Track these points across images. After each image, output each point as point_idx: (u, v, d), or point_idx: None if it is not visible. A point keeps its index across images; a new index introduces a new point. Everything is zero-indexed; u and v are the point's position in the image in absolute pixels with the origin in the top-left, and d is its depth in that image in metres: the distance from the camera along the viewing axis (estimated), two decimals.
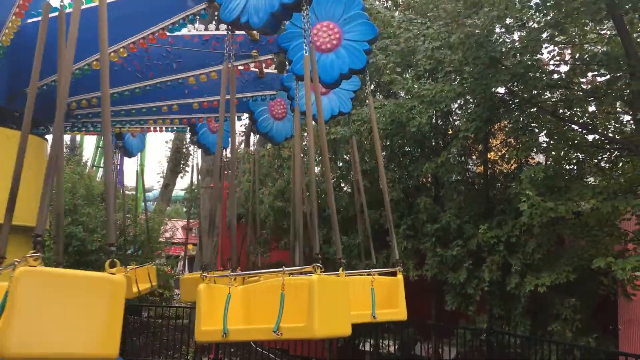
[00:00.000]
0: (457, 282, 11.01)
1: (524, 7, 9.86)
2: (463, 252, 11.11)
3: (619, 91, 9.68)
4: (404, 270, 11.51)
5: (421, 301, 13.10)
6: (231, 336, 3.96)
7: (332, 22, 5.23)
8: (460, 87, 10.77)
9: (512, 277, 10.35)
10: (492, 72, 10.13)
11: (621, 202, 8.75)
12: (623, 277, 8.49)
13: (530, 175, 9.39)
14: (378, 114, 11.58)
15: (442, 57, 10.88)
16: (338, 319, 3.97)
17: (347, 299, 4.23)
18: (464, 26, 10.06)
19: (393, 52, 11.84)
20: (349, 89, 6.72)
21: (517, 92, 11.02)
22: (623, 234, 9.88)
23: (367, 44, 5.58)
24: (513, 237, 10.31)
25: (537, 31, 10.04)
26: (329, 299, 3.88)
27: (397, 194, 12.10)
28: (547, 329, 10.25)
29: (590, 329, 9.93)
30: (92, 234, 13.62)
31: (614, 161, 10.60)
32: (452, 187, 12.12)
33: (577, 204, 9.47)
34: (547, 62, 10.91)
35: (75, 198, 14.06)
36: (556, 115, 10.59)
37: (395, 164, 13.07)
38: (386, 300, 5.28)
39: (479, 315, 11.25)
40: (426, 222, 11.79)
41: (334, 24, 5.26)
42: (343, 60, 5.62)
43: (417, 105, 11.23)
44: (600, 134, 10.62)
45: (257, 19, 4.45)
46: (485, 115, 10.88)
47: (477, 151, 13.12)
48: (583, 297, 10.16)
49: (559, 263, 9.95)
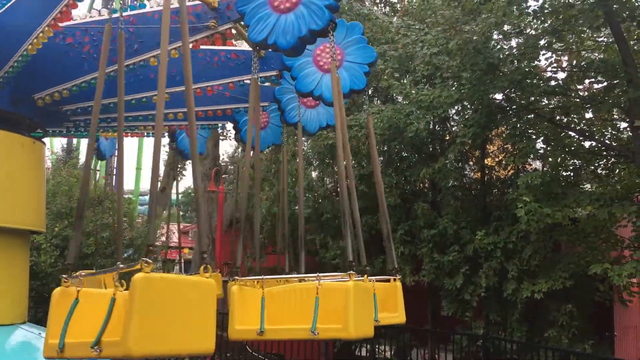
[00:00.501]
0: (453, 287, 11.02)
1: (521, 14, 9.89)
2: (460, 258, 11.12)
3: (615, 98, 9.71)
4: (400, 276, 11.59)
5: (417, 307, 13.10)
6: (267, 335, 4.28)
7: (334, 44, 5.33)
8: (458, 93, 10.79)
9: (509, 283, 10.36)
10: (490, 79, 10.15)
11: (617, 209, 8.78)
12: (619, 283, 8.51)
13: (527, 182, 9.41)
14: (376, 119, 11.59)
15: (440, 63, 10.90)
16: (367, 322, 4.38)
17: (372, 303, 4.70)
18: (462, 32, 10.10)
19: (391, 57, 11.86)
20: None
21: (515, 99, 11.05)
22: (619, 240, 9.90)
23: (367, 67, 5.78)
24: (510, 243, 10.32)
25: (534, 38, 10.07)
26: (361, 303, 4.29)
27: (394, 199, 12.11)
28: (543, 335, 10.26)
29: (586, 336, 9.94)
30: (89, 238, 13.58)
31: (611, 168, 10.63)
32: (449, 192, 12.14)
33: (573, 211, 9.50)
34: (544, 69, 10.95)
35: (72, 201, 14.02)
36: (553, 121, 10.62)
37: (392, 169, 13.09)
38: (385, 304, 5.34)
39: (475, 321, 11.26)
40: (423, 227, 11.80)
41: (337, 46, 5.38)
42: (344, 81, 5.81)
43: (415, 111, 11.26)
44: (597, 141, 10.66)
45: (284, 41, 4.65)
46: (483, 122, 10.91)
47: (474, 157, 13.14)
48: (579, 303, 10.18)
49: (555, 269, 9.96)
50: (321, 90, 6.17)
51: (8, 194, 5.60)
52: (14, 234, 5.78)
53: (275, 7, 4.84)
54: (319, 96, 6.23)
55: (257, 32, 4.82)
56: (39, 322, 9.37)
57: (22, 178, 5.78)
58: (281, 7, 4.80)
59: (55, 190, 14.33)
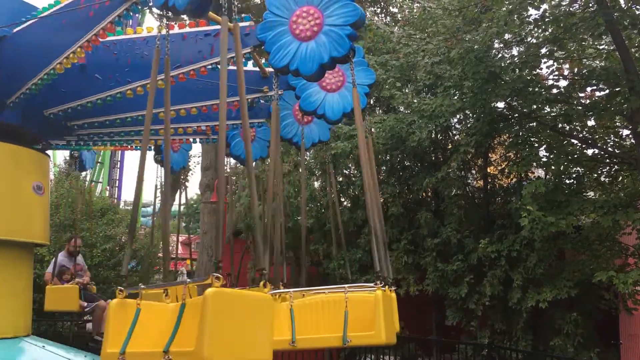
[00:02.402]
0: (458, 296, 10.97)
1: (522, 23, 9.92)
2: (464, 267, 11.08)
3: (618, 106, 9.71)
4: (404, 285, 11.56)
5: (422, 316, 13.05)
6: (299, 344, 4.64)
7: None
8: (460, 101, 10.81)
9: (514, 291, 10.32)
10: (492, 87, 10.16)
11: (621, 216, 8.76)
12: (625, 290, 8.48)
13: (532, 190, 9.39)
14: (378, 128, 11.62)
15: (441, 72, 10.93)
16: (392, 328, 4.82)
17: (395, 311, 5.13)
18: (463, 41, 10.12)
19: (393, 67, 11.90)
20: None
21: (517, 107, 11.06)
22: (624, 248, 9.87)
23: (367, 87, 5.98)
24: (514, 251, 10.29)
25: (536, 46, 10.09)
26: (388, 311, 4.75)
27: (397, 208, 12.09)
28: (548, 344, 10.19)
29: (592, 344, 9.88)
30: (92, 250, 13.58)
31: (614, 175, 10.61)
32: (452, 201, 12.11)
33: (577, 218, 9.47)
34: (546, 77, 10.96)
35: (75, 213, 14.03)
36: (556, 129, 10.62)
37: (395, 179, 13.07)
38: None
39: (480, 330, 11.19)
40: (426, 236, 11.78)
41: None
42: (346, 101, 6.09)
43: (417, 120, 11.26)
44: (599, 148, 10.65)
45: (306, 68, 4.86)
46: (485, 130, 10.91)
47: (476, 165, 13.13)
48: (584, 311, 10.13)
49: (560, 277, 9.93)
50: (324, 109, 6.46)
51: (13, 206, 5.61)
52: (18, 246, 5.79)
53: (297, 35, 5.07)
54: (322, 115, 6.50)
55: (278, 59, 5.06)
56: (42, 334, 9.35)
57: (27, 191, 5.79)
58: (302, 35, 5.05)
59: (59, 202, 14.34)
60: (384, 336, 4.53)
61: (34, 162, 5.92)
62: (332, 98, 6.40)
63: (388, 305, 4.79)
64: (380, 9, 18.98)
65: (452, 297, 11.14)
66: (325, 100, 6.40)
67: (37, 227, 5.94)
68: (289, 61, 5.01)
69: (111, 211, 16.20)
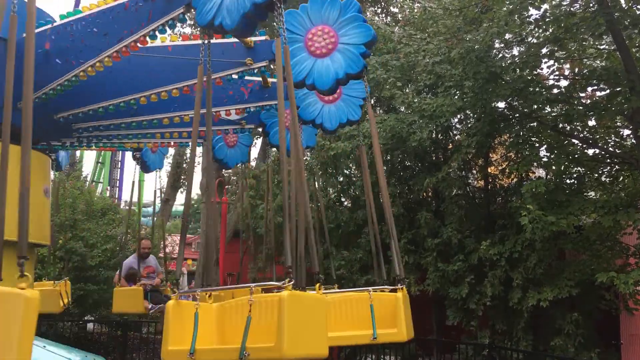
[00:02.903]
0: (458, 296, 10.97)
1: (523, 23, 9.91)
2: (464, 267, 11.08)
3: (618, 106, 9.70)
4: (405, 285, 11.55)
5: (422, 316, 13.04)
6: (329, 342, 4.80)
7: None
8: (461, 101, 10.80)
9: (514, 291, 10.31)
10: (492, 87, 10.16)
11: (622, 216, 8.76)
12: (625, 290, 8.47)
13: (532, 190, 9.39)
14: (379, 128, 11.61)
15: (442, 72, 10.92)
16: (410, 326, 5.26)
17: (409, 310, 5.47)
18: (464, 41, 10.12)
19: (393, 67, 11.89)
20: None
21: (517, 107, 11.05)
22: (624, 248, 9.87)
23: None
24: (515, 252, 10.28)
25: (536, 46, 10.09)
26: (407, 309, 5.20)
27: (398, 208, 12.08)
28: (549, 344, 10.19)
29: (592, 344, 9.87)
30: (92, 250, 13.59)
31: (615, 175, 10.60)
32: (452, 201, 12.11)
33: (578, 218, 9.47)
34: (546, 77, 10.96)
35: (76, 213, 14.05)
36: (556, 129, 10.62)
37: (395, 179, 13.07)
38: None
39: (480, 330, 11.19)
40: (427, 236, 11.78)
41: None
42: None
43: (418, 120, 11.26)
44: (600, 148, 10.64)
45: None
46: (486, 130, 10.91)
47: (477, 165, 13.13)
48: (585, 311, 10.13)
49: (560, 277, 9.92)
50: (322, 119, 6.69)
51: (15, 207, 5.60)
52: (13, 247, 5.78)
53: (312, 51, 5.35)
54: (320, 124, 6.74)
55: (294, 74, 5.20)
56: (43, 335, 9.36)
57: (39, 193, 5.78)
58: (317, 52, 5.33)
59: (59, 202, 14.35)
60: (406, 333, 5.00)
61: (41, 164, 5.91)
62: (329, 108, 6.63)
63: (406, 304, 5.22)
64: (380, 9, 19.02)
65: (452, 297, 11.14)
66: (323, 110, 6.65)
67: (42, 228, 5.94)
68: (305, 76, 5.27)
69: (112, 211, 16.22)
